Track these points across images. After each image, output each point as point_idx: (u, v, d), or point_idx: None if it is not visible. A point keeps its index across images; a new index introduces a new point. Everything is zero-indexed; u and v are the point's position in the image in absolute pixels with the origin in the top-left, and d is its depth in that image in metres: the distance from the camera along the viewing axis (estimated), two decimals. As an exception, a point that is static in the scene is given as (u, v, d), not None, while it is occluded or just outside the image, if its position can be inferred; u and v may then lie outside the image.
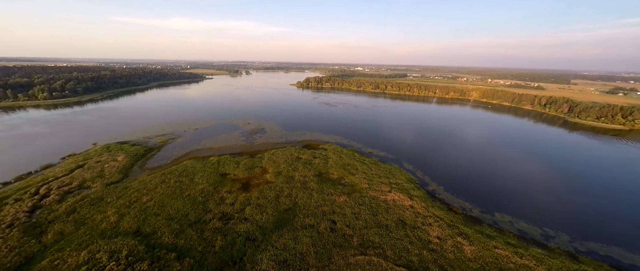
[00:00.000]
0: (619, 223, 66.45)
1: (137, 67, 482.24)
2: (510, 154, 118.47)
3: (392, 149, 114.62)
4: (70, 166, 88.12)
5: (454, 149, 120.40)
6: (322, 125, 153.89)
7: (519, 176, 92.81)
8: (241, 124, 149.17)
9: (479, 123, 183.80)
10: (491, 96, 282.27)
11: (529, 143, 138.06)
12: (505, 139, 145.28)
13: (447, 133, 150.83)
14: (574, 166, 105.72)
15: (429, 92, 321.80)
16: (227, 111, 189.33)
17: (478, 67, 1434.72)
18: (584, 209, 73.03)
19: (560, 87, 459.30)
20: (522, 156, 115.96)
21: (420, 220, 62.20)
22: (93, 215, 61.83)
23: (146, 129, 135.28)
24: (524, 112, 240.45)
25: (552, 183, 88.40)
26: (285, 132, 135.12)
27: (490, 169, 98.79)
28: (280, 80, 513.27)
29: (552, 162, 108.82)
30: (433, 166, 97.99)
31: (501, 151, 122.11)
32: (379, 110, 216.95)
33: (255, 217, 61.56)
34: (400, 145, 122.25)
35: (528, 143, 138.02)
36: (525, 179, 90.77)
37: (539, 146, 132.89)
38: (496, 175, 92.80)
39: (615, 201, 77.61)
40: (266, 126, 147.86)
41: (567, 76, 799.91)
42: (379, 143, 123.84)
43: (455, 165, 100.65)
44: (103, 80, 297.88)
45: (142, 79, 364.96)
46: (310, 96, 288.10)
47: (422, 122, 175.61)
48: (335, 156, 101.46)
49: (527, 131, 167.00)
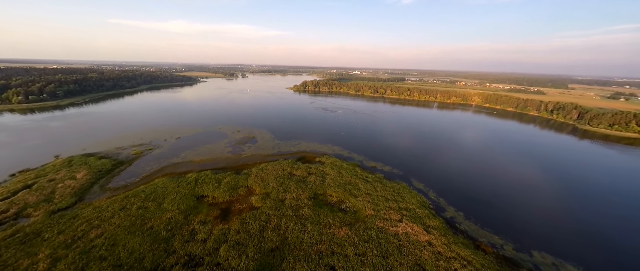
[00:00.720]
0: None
1: (127, 70, 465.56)
2: (534, 171, 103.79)
3: (398, 163, 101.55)
4: (16, 185, 73.26)
5: (469, 163, 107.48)
6: (319, 133, 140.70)
7: (552, 202, 79.64)
8: (229, 132, 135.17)
9: (490, 133, 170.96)
10: (494, 101, 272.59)
11: (554, 157, 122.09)
12: (524, 151, 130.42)
13: (456, 142, 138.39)
14: (619, 186, 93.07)
15: (430, 97, 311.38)
16: (216, 116, 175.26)
17: (475, 72, 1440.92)
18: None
19: (560, 92, 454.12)
20: (551, 175, 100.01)
21: (442, 264, 48.86)
22: (18, 260, 47.30)
23: (122, 138, 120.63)
24: (530, 118, 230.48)
25: (597, 211, 75.73)
26: (277, 142, 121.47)
27: (516, 190, 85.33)
28: (277, 83, 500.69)
29: (591, 182, 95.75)
30: (447, 185, 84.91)
31: (522, 166, 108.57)
32: (380, 116, 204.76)
33: (231, 262, 47.62)
34: (407, 158, 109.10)
35: (553, 157, 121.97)
36: (561, 205, 77.51)
37: (568, 161, 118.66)
38: (524, 198, 79.78)
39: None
40: (257, 134, 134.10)
41: (563, 80, 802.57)
42: (383, 155, 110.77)
43: (474, 184, 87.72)
44: (88, 83, 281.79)
45: (131, 81, 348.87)
46: (307, 101, 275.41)
47: (427, 130, 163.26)
48: (334, 171, 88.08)
49: (544, 141, 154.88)
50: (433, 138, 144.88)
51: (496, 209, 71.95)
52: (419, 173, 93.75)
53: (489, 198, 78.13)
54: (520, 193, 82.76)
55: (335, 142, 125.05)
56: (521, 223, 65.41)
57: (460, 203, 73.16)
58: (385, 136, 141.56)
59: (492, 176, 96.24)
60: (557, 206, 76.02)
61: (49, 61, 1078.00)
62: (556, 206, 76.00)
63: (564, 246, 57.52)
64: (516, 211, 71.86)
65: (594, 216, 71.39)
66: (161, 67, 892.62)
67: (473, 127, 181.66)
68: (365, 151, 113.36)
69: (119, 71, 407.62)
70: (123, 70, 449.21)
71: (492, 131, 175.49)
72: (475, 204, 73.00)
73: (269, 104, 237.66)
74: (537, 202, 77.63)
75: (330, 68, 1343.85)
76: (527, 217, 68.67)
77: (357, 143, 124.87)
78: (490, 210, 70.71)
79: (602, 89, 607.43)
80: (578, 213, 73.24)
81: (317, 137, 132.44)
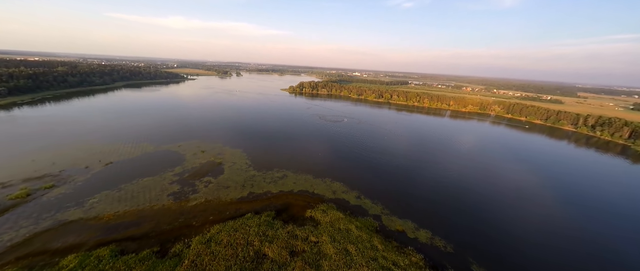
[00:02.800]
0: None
1: (103, 64, 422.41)
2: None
3: (444, 224, 63.95)
4: None
5: (569, 227, 70.29)
6: (314, 158, 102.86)
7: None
8: (190, 154, 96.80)
9: (562, 162, 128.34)
10: (518, 111, 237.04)
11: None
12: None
13: (527, 183, 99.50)
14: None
15: (443, 104, 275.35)
16: (184, 126, 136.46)
17: (475, 77, 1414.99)
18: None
19: (578, 101, 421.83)
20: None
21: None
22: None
23: (26, 161, 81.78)
24: (563, 134, 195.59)
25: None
26: (252, 174, 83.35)
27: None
28: (273, 83, 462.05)
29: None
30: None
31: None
32: (394, 128, 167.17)
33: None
34: (457, 214, 69.73)
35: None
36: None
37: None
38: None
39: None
40: (227, 157, 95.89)
41: (570, 88, 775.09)
42: (415, 203, 72.88)
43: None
44: (47, 78, 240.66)
45: (104, 77, 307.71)
46: (303, 106, 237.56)
47: (476, 154, 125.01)
48: (336, 247, 50.42)
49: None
50: (488, 170, 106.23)
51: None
52: (485, 248, 56.31)
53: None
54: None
55: (338, 174, 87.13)
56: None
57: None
58: (412, 167, 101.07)
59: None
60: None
61: (33, 52, 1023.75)
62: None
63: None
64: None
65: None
66: (154, 62, 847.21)
67: (530, 151, 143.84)
68: (384, 195, 75.56)
69: (88, 65, 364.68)
70: (99, 65, 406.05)
71: (566, 160, 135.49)
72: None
73: (256, 110, 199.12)
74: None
75: (330, 69, 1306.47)
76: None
77: (369, 178, 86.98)
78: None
79: (613, 98, 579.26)
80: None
81: (312, 164, 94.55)
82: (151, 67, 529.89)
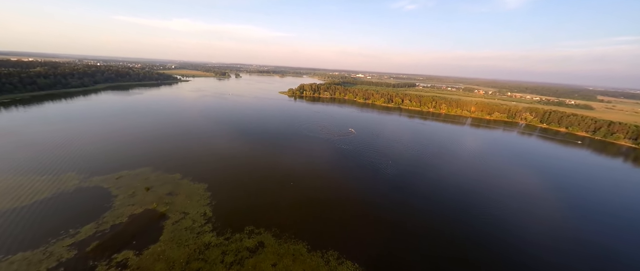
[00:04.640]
0: None
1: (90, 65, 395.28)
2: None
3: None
4: None
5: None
6: (311, 206, 69.32)
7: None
8: (125, 194, 63.92)
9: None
10: (556, 120, 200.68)
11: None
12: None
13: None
14: None
15: (463, 111, 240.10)
16: (137, 144, 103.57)
17: (483, 79, 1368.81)
18: None
19: (607, 107, 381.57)
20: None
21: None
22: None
23: None
24: (615, 149, 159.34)
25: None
26: (206, 241, 49.87)
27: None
28: (272, 85, 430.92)
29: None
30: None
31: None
32: (423, 147, 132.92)
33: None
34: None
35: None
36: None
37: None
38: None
39: None
40: (179, 200, 62.76)
41: (587, 92, 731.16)
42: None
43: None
44: (11, 79, 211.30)
45: (83, 79, 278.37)
46: (303, 112, 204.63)
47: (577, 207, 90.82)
48: None
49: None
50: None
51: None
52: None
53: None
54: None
55: (350, 241, 53.54)
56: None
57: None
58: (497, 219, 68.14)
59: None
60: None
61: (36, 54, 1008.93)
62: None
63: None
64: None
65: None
66: (155, 63, 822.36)
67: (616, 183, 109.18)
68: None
69: (71, 66, 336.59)
70: (84, 65, 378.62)
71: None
72: None
73: (244, 119, 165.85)
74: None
75: (332, 71, 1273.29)
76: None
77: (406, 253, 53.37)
78: None
79: (637, 102, 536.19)
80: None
81: (308, 219, 61.09)
82: (146, 68, 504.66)
